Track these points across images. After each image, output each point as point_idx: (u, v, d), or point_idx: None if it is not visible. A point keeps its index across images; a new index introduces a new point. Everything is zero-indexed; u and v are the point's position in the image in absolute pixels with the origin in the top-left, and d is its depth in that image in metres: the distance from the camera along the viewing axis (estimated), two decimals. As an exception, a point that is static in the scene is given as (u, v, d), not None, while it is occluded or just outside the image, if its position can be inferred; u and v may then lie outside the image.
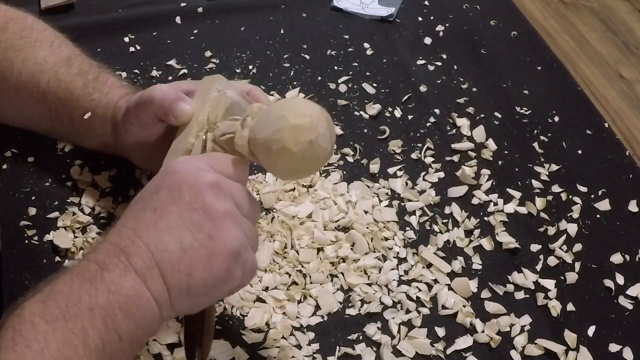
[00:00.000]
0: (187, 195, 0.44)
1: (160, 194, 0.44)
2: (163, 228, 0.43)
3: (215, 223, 0.44)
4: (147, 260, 0.42)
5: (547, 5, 1.03)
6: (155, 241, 0.42)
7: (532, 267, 0.63)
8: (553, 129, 0.77)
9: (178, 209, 0.43)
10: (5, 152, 0.66)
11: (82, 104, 0.60)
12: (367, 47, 0.84)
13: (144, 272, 0.42)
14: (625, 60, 0.93)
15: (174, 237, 0.43)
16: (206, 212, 0.44)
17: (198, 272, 0.43)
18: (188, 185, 0.44)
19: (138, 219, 0.44)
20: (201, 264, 0.43)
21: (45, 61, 0.61)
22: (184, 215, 0.43)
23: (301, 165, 0.46)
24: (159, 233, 0.43)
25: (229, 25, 0.85)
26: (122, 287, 0.41)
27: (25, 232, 0.60)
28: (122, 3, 0.86)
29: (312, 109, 0.46)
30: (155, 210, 0.44)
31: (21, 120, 0.65)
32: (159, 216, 0.43)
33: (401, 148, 0.73)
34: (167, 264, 0.42)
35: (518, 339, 0.58)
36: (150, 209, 0.44)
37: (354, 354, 0.56)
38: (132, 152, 0.61)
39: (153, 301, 0.42)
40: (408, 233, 0.65)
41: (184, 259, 0.42)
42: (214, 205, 0.44)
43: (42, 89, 0.60)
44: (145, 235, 0.43)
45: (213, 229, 0.43)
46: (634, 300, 0.62)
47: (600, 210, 0.69)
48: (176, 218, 0.43)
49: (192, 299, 0.44)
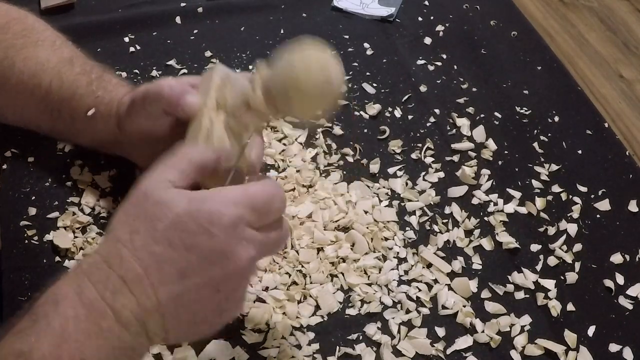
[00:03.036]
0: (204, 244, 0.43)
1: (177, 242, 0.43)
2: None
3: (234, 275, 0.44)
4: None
5: (547, 5, 1.02)
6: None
7: (532, 267, 0.63)
8: (553, 129, 0.77)
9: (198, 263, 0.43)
10: (5, 152, 0.66)
11: (85, 102, 0.60)
12: (367, 47, 0.84)
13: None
14: (625, 60, 0.93)
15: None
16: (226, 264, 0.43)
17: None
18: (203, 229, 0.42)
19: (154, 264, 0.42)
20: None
21: (48, 61, 0.61)
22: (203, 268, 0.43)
23: (319, 102, 0.50)
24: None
25: (229, 25, 0.85)
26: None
27: (25, 232, 0.60)
28: (122, 3, 0.86)
29: (319, 52, 0.49)
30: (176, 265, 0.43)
31: (21, 120, 0.64)
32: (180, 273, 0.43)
33: (401, 148, 0.73)
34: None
35: (518, 339, 0.58)
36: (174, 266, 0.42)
37: (354, 354, 0.56)
38: (135, 148, 0.61)
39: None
40: (408, 233, 0.65)
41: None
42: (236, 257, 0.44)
43: (45, 89, 0.60)
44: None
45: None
46: (634, 300, 0.62)
47: (600, 210, 0.69)
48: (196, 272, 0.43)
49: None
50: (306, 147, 0.72)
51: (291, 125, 0.73)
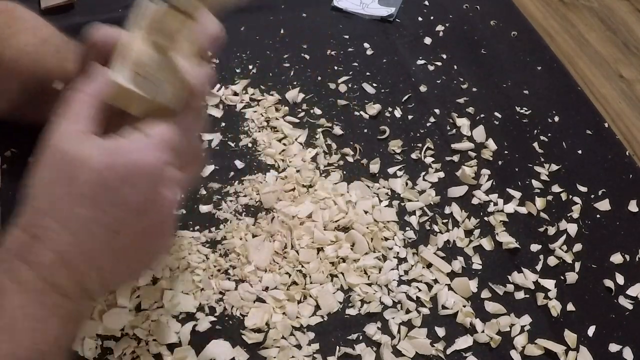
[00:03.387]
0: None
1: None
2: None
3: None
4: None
5: (547, 5, 1.02)
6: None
7: (532, 267, 0.63)
8: (553, 129, 0.77)
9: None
10: (5, 152, 0.66)
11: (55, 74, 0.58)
12: (367, 47, 0.84)
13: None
14: (625, 60, 0.93)
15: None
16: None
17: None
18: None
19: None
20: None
21: (27, 45, 0.59)
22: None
23: None
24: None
25: (229, 25, 0.85)
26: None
27: (25, 232, 0.60)
28: (122, 3, 0.86)
29: None
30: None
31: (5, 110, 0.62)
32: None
33: (401, 148, 0.73)
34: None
35: (518, 339, 0.58)
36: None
37: (354, 354, 0.56)
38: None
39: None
40: (408, 233, 0.65)
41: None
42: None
43: (24, 72, 0.59)
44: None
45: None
46: (634, 300, 0.62)
47: (600, 210, 0.69)
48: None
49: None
50: (306, 147, 0.72)
51: (292, 126, 0.73)
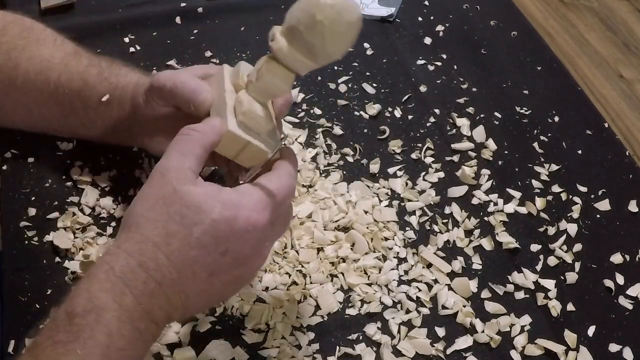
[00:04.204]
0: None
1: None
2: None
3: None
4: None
5: (547, 5, 1.03)
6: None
7: (532, 267, 0.63)
8: (553, 129, 0.77)
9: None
10: (5, 153, 0.66)
11: (98, 90, 0.59)
12: (367, 47, 0.84)
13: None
14: (625, 60, 0.93)
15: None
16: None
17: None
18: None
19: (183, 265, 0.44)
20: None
21: (53, 57, 0.61)
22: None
23: (341, 37, 0.46)
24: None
25: (229, 25, 0.85)
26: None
27: (26, 232, 0.60)
28: (122, 3, 0.86)
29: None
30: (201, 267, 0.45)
31: (30, 121, 0.64)
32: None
33: (401, 148, 0.73)
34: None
35: (518, 339, 0.58)
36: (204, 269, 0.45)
37: (354, 354, 0.56)
38: (147, 133, 0.60)
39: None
40: (408, 233, 0.65)
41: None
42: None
43: (53, 83, 0.60)
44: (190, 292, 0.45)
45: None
46: (634, 300, 0.62)
47: (600, 210, 0.69)
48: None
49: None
50: (306, 147, 0.72)
51: (292, 126, 0.73)
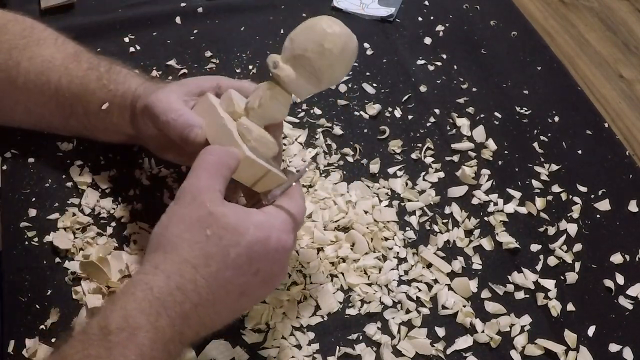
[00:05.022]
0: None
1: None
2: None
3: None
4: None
5: (547, 5, 1.03)
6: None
7: (532, 267, 0.63)
8: (553, 129, 0.77)
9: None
10: (5, 153, 0.66)
11: (98, 96, 0.60)
12: (367, 47, 0.84)
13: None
14: (625, 60, 0.93)
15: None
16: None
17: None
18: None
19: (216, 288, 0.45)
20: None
21: (53, 58, 0.61)
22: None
23: (346, 63, 0.53)
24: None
25: (229, 25, 0.85)
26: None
27: (26, 233, 0.60)
28: (122, 3, 0.86)
29: (328, 22, 0.53)
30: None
31: (31, 120, 0.64)
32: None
33: (401, 148, 0.73)
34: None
35: (518, 339, 0.58)
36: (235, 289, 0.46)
37: (354, 354, 0.56)
38: (150, 141, 0.61)
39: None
40: (408, 233, 0.65)
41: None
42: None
43: (54, 86, 0.60)
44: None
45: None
46: (634, 300, 0.62)
47: (600, 210, 0.69)
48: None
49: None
50: (306, 147, 0.72)
51: (292, 126, 0.73)
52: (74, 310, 0.55)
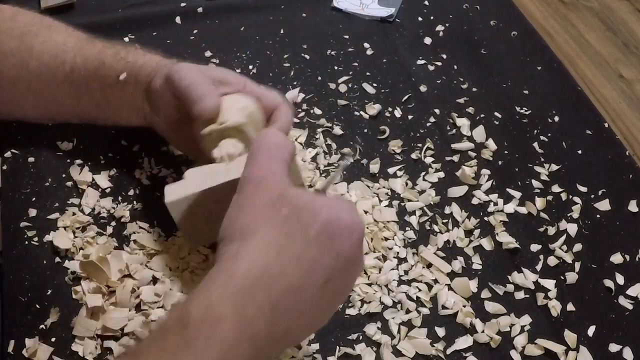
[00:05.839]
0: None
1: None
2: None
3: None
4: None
5: (547, 5, 1.03)
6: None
7: (532, 267, 0.63)
8: (553, 129, 0.77)
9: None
10: (5, 153, 0.66)
11: (116, 68, 0.59)
12: (367, 47, 0.84)
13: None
14: (625, 60, 0.93)
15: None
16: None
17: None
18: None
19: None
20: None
21: (66, 41, 0.61)
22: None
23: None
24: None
25: (229, 25, 0.85)
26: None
27: (26, 233, 0.60)
28: (122, 3, 0.86)
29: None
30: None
31: (40, 107, 0.63)
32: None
33: (401, 148, 0.73)
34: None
35: (518, 339, 0.58)
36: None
37: (354, 354, 0.56)
38: (161, 119, 0.61)
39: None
40: (408, 233, 0.65)
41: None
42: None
43: (69, 66, 0.60)
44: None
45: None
46: (634, 300, 0.62)
47: (600, 210, 0.69)
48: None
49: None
50: (306, 147, 0.72)
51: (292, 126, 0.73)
52: (74, 309, 0.55)
